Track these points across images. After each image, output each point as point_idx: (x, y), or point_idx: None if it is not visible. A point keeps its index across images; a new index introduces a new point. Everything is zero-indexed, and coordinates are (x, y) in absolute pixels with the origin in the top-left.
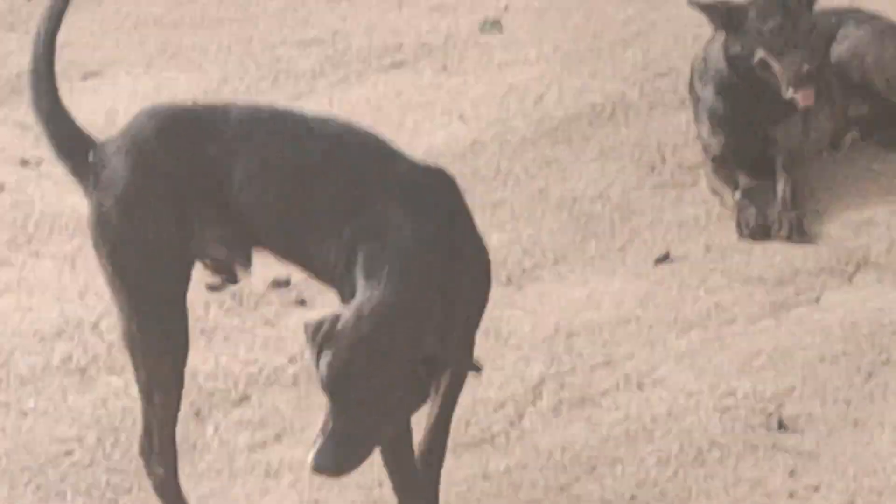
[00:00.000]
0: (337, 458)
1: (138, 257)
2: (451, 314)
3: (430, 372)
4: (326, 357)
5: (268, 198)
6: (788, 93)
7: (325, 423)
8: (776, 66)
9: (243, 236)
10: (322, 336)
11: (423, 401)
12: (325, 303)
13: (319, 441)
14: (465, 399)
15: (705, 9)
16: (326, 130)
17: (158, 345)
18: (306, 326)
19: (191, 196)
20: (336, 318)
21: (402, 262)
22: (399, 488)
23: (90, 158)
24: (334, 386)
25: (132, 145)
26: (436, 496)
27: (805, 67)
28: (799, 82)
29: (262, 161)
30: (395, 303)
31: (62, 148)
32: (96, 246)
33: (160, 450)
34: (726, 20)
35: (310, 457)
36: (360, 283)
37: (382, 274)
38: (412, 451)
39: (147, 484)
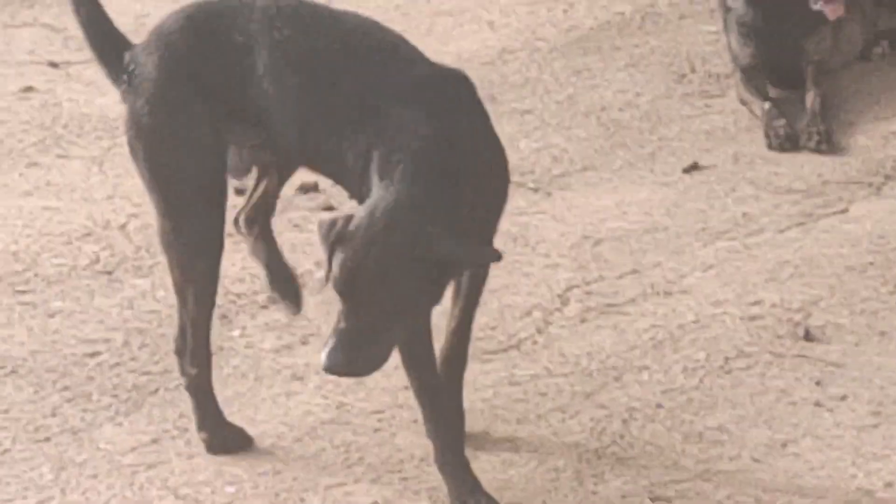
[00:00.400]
0: (348, 357)
1: (172, 156)
2: (468, 214)
3: (445, 271)
4: (339, 256)
5: (288, 90)
6: (817, 5)
7: (337, 323)
8: None
9: (267, 131)
10: (335, 235)
11: (436, 301)
12: (354, 207)
13: (331, 341)
14: (492, 305)
15: None
16: (350, 27)
17: (193, 244)
18: (320, 225)
19: (219, 89)
20: (349, 218)
21: (416, 162)
22: (419, 392)
23: (125, 61)
24: (346, 285)
25: (160, 44)
26: (459, 400)
27: None
28: None
29: (285, 53)
30: (408, 202)
31: (100, 51)
32: (132, 147)
33: (193, 350)
34: None
35: (322, 356)
36: (375, 184)
37: (396, 173)
38: (432, 355)
39: (172, 385)
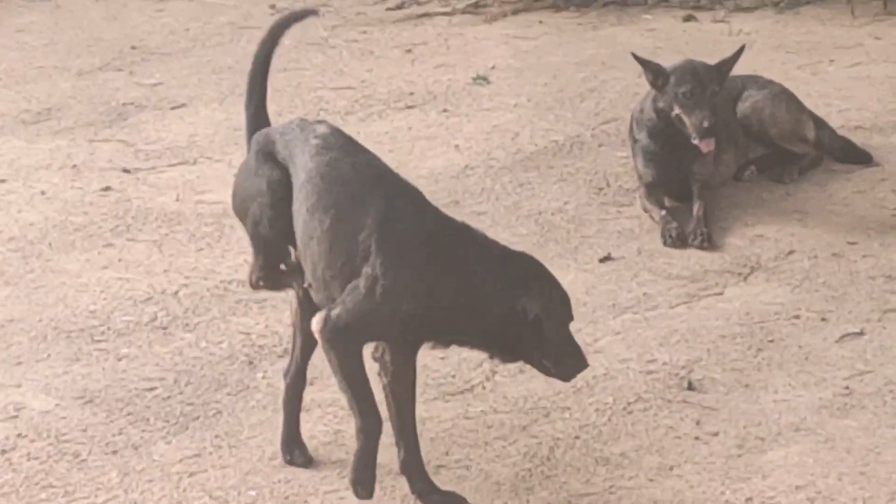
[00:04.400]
0: None
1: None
2: None
3: None
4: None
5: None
6: (695, 140)
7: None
8: (687, 120)
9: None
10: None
11: None
12: None
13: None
14: (452, 358)
15: (643, 63)
16: (372, 166)
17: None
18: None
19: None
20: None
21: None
22: (400, 417)
23: (255, 139)
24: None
25: (254, 144)
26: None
27: (706, 123)
28: (702, 134)
29: (308, 171)
30: None
31: (250, 128)
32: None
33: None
34: (654, 80)
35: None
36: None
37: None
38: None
39: (210, 413)
